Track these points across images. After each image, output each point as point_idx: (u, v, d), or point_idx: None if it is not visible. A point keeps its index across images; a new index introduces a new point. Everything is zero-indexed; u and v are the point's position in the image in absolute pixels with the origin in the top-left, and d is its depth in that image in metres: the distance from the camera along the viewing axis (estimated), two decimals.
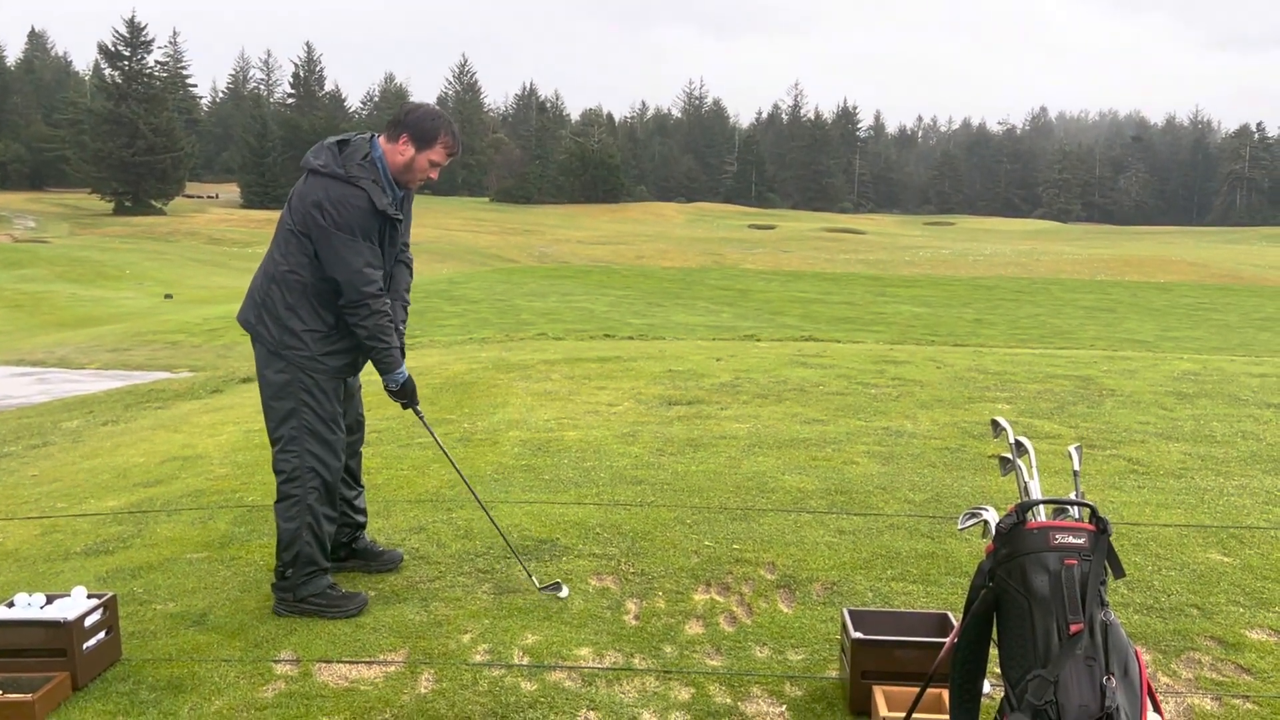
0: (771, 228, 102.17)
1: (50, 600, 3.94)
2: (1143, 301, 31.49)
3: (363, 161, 4.23)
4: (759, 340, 16.06)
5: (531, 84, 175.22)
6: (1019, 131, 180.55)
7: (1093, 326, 23.49)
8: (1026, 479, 2.97)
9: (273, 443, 4.37)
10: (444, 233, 72.69)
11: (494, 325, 19.74)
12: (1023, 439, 3.04)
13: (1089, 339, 20.23)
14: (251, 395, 10.22)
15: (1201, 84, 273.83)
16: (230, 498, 6.06)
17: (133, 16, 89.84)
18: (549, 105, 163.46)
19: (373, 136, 4.35)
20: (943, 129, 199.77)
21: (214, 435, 8.15)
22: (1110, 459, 6.63)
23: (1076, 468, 2.98)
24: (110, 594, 3.98)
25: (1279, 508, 5.64)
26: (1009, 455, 3.06)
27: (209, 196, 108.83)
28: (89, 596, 3.95)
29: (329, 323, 4.30)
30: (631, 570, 4.71)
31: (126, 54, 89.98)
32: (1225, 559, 4.85)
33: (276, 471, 4.34)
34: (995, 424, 3.15)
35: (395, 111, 4.37)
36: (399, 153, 4.28)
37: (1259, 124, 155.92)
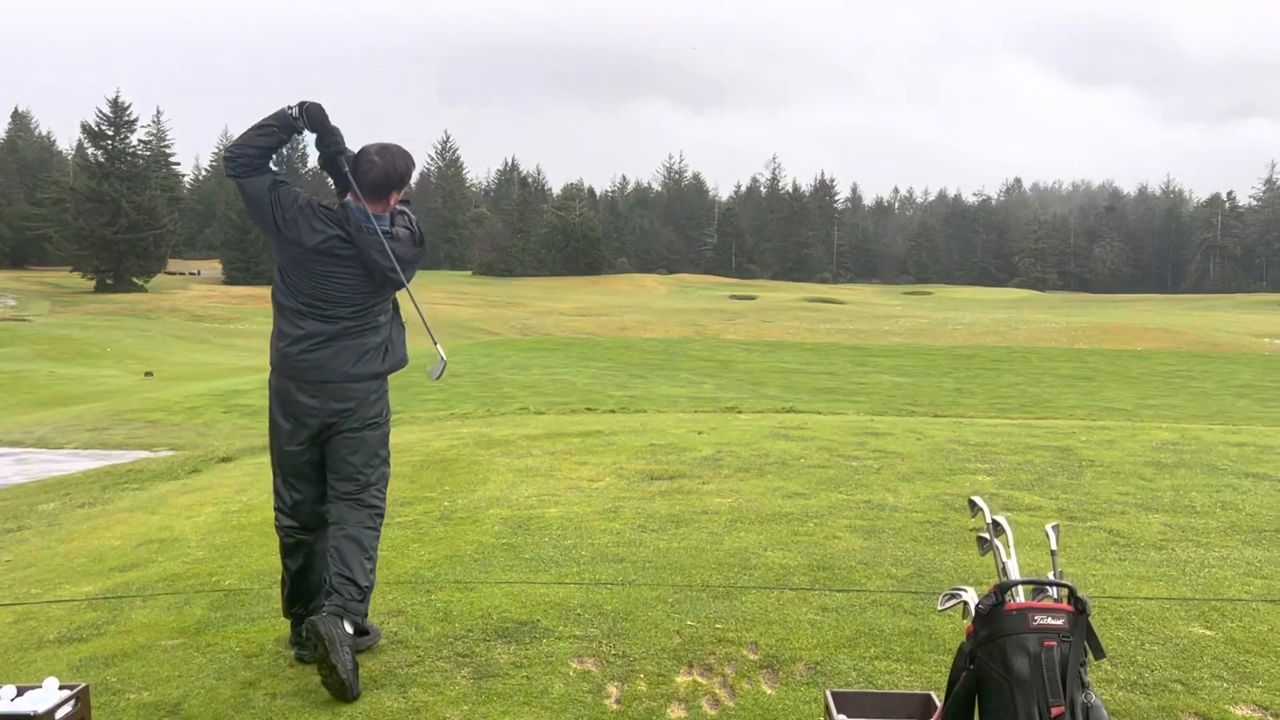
0: (752, 298, 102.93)
1: (21, 692, 3.87)
2: (1120, 369, 31.72)
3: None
4: (740, 412, 16.08)
5: (513, 159, 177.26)
6: (994, 202, 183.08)
7: (1072, 395, 23.62)
8: (1004, 559, 2.97)
9: None
10: (426, 306, 72.76)
11: (476, 399, 19.72)
12: (1000, 518, 3.05)
13: (1068, 407, 20.32)
14: (230, 475, 10.15)
15: (1169, 155, 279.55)
16: (207, 581, 5.99)
17: (117, 96, 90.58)
18: (530, 180, 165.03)
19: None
20: (919, 200, 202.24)
21: (191, 517, 8.08)
22: (1091, 531, 6.63)
23: (1054, 547, 2.99)
24: (83, 685, 3.92)
25: (1259, 579, 5.65)
26: (986, 535, 3.07)
27: (191, 273, 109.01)
28: (61, 688, 3.88)
29: (278, 328, 4.58)
30: (613, 652, 4.67)
31: (110, 133, 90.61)
32: (1207, 632, 4.84)
33: None
34: (972, 503, 3.17)
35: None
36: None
37: (1229, 193, 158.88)
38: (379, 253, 4.43)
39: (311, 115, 4.44)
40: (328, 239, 4.42)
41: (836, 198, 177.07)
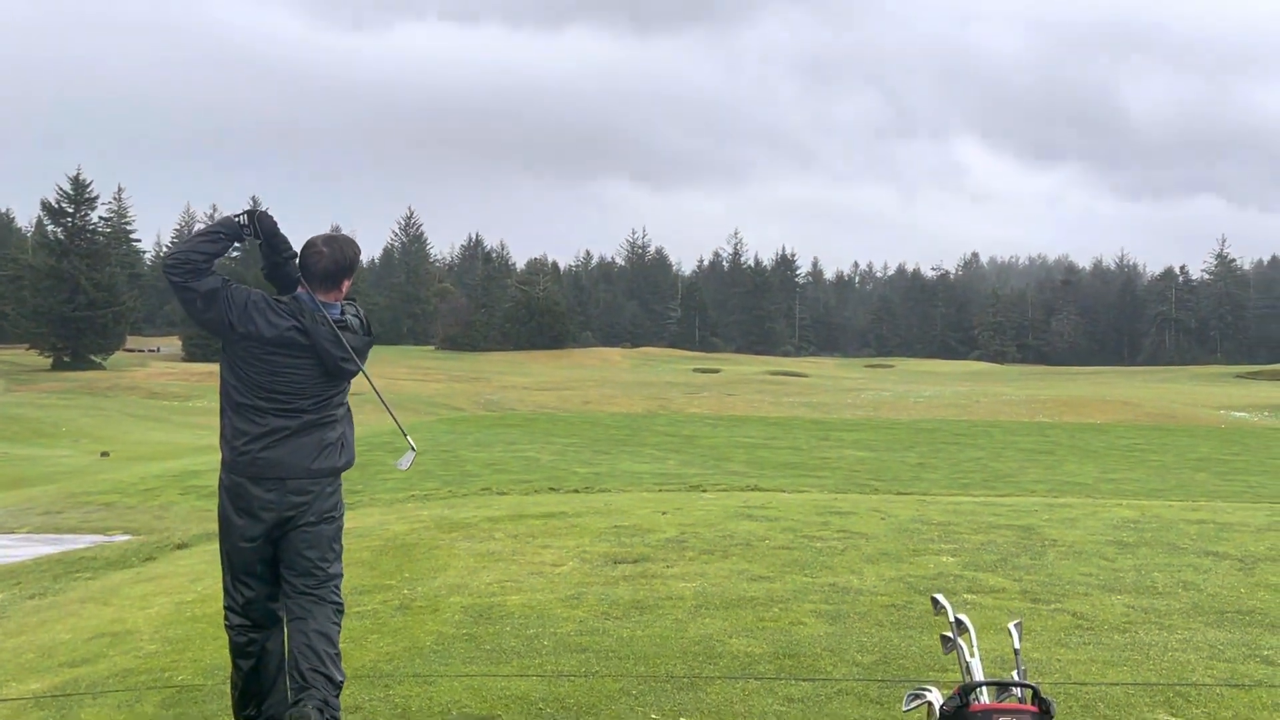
0: (716, 371, 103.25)
1: None
2: (1081, 443, 31.96)
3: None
4: (705, 490, 16.02)
5: (477, 235, 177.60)
6: (952, 277, 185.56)
7: (1033, 469, 23.74)
8: (968, 658, 2.96)
9: None
10: (389, 382, 72.52)
11: (438, 478, 19.54)
12: (962, 616, 3.04)
13: (1030, 482, 20.42)
14: (185, 564, 9.95)
15: (1123, 230, 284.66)
16: (159, 677, 5.83)
17: (78, 174, 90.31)
18: (494, 255, 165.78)
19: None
20: (879, 274, 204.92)
21: (145, 608, 7.90)
22: (1055, 614, 6.63)
23: (1017, 646, 2.98)
24: None
25: (1223, 662, 5.66)
26: (950, 634, 3.06)
27: (150, 350, 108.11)
28: None
29: (235, 427, 4.51)
30: None
31: (70, 210, 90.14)
32: None
33: None
34: (935, 602, 3.16)
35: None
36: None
37: (1182, 267, 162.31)
38: (331, 342, 4.46)
39: (263, 224, 4.48)
40: (286, 330, 4.42)
41: (798, 272, 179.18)
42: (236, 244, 4.57)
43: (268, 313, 4.43)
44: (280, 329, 4.42)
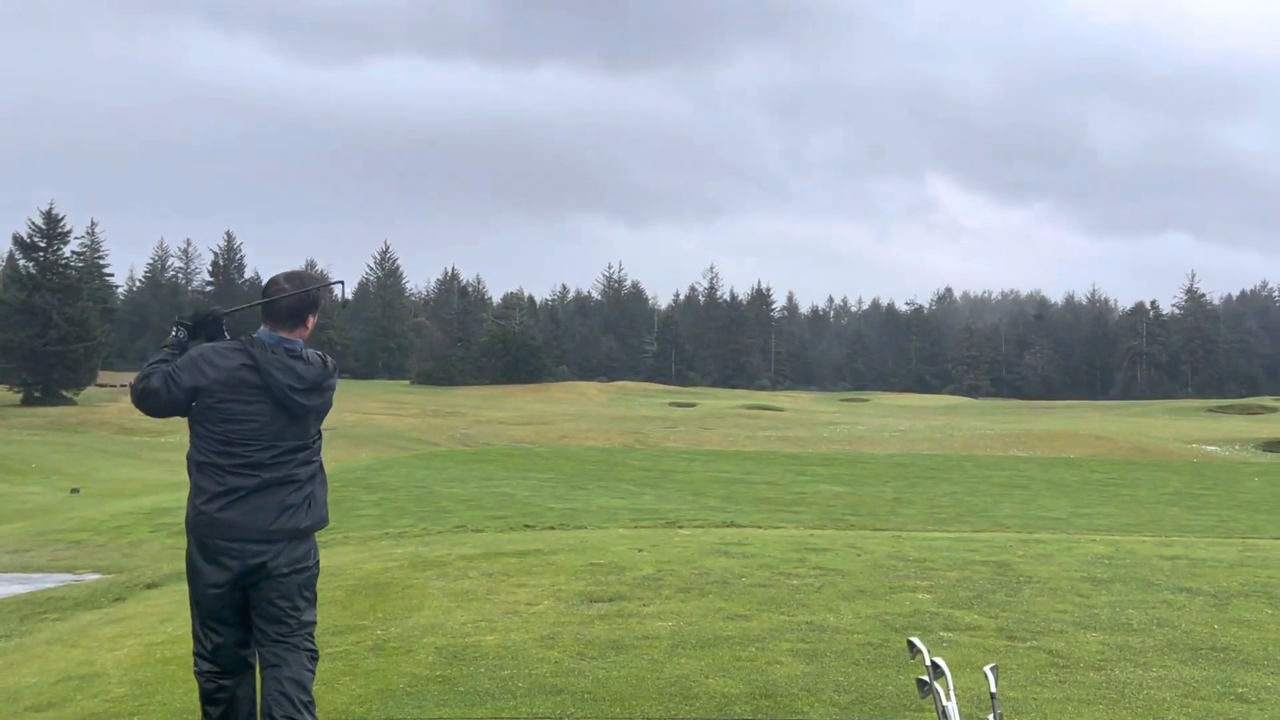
0: (692, 405, 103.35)
1: None
2: (1055, 478, 32.09)
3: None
4: (681, 526, 15.96)
5: (453, 269, 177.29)
6: (926, 311, 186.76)
7: (1008, 504, 23.79)
8: (944, 702, 2.95)
9: None
10: (364, 416, 72.19)
11: (412, 514, 19.37)
12: (938, 660, 3.04)
13: (1005, 517, 20.46)
14: (155, 604, 9.82)
15: (1094, 265, 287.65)
16: None
17: (50, 208, 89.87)
18: (470, 289, 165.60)
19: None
20: (853, 309, 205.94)
21: (113, 650, 7.78)
22: (1031, 651, 6.63)
23: (993, 690, 2.97)
24: None
25: (1198, 700, 5.67)
26: (925, 678, 3.05)
27: (122, 385, 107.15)
28: None
29: (196, 485, 4.54)
30: None
31: (42, 245, 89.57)
32: None
33: None
34: (911, 645, 3.15)
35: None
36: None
37: (1152, 302, 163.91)
38: (280, 369, 4.45)
39: (194, 320, 4.66)
40: (235, 369, 4.44)
41: (773, 306, 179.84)
42: (180, 350, 4.65)
43: (212, 358, 4.51)
44: (228, 368, 4.45)
